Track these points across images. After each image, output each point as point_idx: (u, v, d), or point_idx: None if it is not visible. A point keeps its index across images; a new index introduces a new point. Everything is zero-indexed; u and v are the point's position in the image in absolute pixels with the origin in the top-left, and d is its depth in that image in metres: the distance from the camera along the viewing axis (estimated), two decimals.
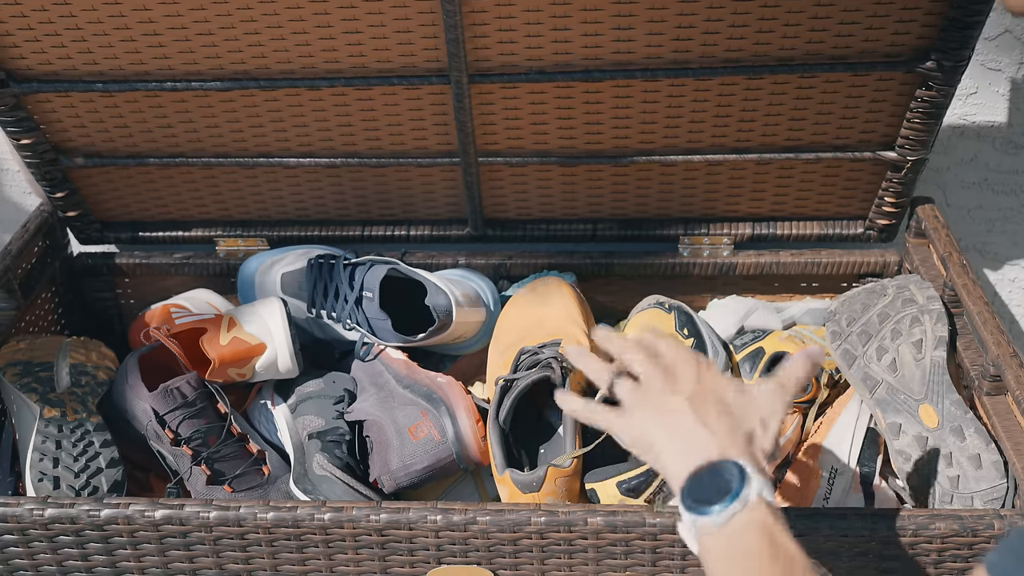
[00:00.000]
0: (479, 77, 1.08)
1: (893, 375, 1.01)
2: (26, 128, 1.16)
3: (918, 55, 1.04)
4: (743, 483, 0.67)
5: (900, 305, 1.06)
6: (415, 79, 1.08)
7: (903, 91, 1.08)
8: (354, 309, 1.14)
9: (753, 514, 0.67)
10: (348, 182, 1.23)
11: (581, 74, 1.07)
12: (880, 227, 1.23)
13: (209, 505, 0.89)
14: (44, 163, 1.20)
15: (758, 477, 0.68)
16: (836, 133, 1.13)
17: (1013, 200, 1.32)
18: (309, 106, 1.13)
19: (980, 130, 1.26)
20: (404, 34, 1.04)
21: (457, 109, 1.10)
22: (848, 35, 1.02)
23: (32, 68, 1.10)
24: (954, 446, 0.94)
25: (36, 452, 1.01)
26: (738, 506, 0.67)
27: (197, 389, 1.06)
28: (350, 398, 1.11)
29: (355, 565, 0.91)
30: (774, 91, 1.08)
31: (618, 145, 1.16)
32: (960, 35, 0.99)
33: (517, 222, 1.27)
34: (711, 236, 1.24)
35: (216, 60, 1.08)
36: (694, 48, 1.04)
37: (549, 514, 0.87)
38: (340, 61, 1.07)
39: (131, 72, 1.10)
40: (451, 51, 1.04)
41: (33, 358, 1.10)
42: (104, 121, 1.17)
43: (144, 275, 1.31)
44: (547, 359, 1.00)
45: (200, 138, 1.18)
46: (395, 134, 1.16)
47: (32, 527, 0.90)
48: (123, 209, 1.29)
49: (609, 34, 1.03)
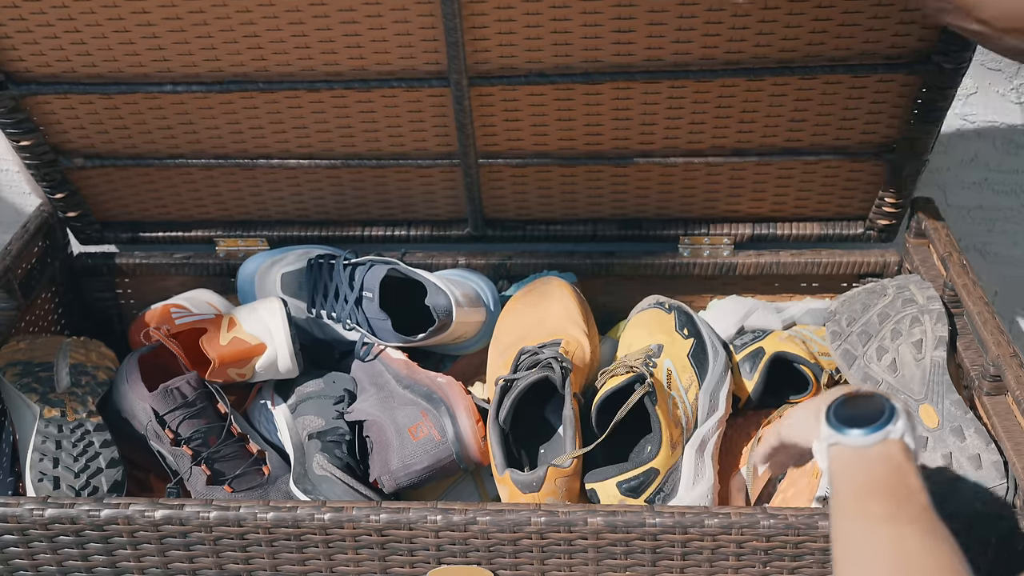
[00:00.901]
0: (479, 79, 1.08)
1: (893, 375, 1.01)
2: (25, 130, 1.16)
3: (919, 57, 1.04)
4: (891, 419, 0.69)
5: (900, 305, 1.06)
6: (415, 81, 1.08)
7: (903, 93, 1.08)
8: (354, 309, 1.14)
9: (890, 448, 0.68)
10: (348, 183, 1.23)
11: (581, 76, 1.07)
12: (880, 227, 1.23)
13: (209, 505, 0.89)
14: (43, 164, 1.20)
15: (906, 421, 0.69)
16: (836, 135, 1.13)
17: (1013, 200, 1.32)
18: (308, 108, 1.13)
19: (980, 130, 1.26)
20: (404, 36, 1.04)
21: (457, 111, 1.10)
22: (849, 36, 1.02)
23: (31, 70, 1.10)
24: (954, 446, 0.94)
25: (36, 452, 1.01)
26: (879, 437, 0.68)
27: (197, 389, 1.06)
28: (350, 398, 1.11)
29: (355, 565, 0.91)
30: (774, 92, 1.08)
31: (618, 147, 1.16)
32: (961, 37, 0.99)
33: (517, 222, 1.27)
34: (711, 236, 1.24)
35: (215, 63, 1.08)
36: (694, 50, 1.04)
37: (549, 514, 0.87)
38: (340, 64, 1.07)
39: (130, 74, 1.10)
40: (451, 54, 1.03)
41: (33, 358, 1.10)
42: (104, 123, 1.17)
43: (144, 275, 1.31)
44: (547, 359, 1.00)
45: (200, 139, 1.18)
46: (395, 136, 1.16)
47: (32, 527, 0.90)
48: (123, 209, 1.29)
49: (609, 36, 1.03)
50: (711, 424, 1.03)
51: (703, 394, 1.05)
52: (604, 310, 1.27)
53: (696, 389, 1.05)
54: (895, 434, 0.68)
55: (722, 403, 1.06)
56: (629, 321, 1.18)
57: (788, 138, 1.14)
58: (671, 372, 1.05)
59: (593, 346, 1.10)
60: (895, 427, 0.68)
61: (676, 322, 1.12)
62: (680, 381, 1.04)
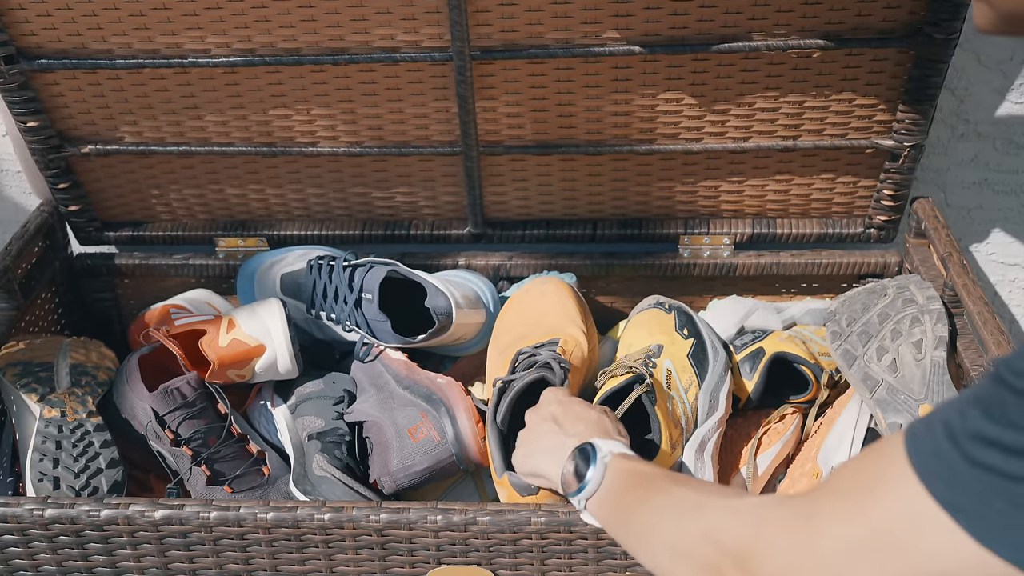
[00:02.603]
0: (481, 53, 1.09)
1: (893, 375, 1.01)
2: (33, 110, 1.17)
3: (910, 31, 1.05)
4: (595, 452, 0.81)
5: (900, 305, 1.06)
6: (418, 55, 1.09)
7: (897, 73, 1.09)
8: (353, 311, 1.14)
9: (613, 464, 0.79)
10: (349, 176, 1.23)
11: (581, 51, 1.08)
12: (880, 224, 1.23)
13: (209, 505, 0.89)
14: (48, 150, 1.20)
15: (606, 443, 0.82)
16: (834, 119, 1.13)
17: (1013, 200, 1.32)
18: (312, 90, 1.14)
19: (980, 130, 1.26)
20: (408, 8, 1.06)
21: (459, 83, 1.10)
22: (841, 9, 1.04)
23: (42, 46, 1.11)
24: None
25: (36, 452, 1.01)
26: (599, 471, 0.80)
27: (197, 389, 1.06)
28: (350, 399, 1.11)
29: (355, 565, 0.91)
30: (770, 73, 1.09)
31: (617, 135, 1.16)
32: (950, 6, 1.01)
33: (517, 222, 1.27)
34: (711, 236, 1.24)
35: (223, 38, 1.09)
36: (690, 24, 1.06)
37: (549, 514, 0.87)
38: (344, 39, 1.09)
39: (139, 50, 1.11)
40: (454, 28, 1.05)
41: (33, 358, 1.10)
42: (110, 107, 1.17)
43: (144, 275, 1.31)
44: (544, 360, 1.00)
45: (204, 125, 1.18)
46: (397, 122, 1.17)
47: (32, 527, 0.90)
48: (124, 208, 1.30)
49: (608, 8, 1.04)
50: (711, 424, 1.03)
51: (703, 394, 1.05)
52: (604, 310, 1.27)
53: (696, 389, 1.05)
54: (605, 456, 0.80)
55: (722, 403, 1.06)
56: (629, 321, 1.18)
57: (786, 124, 1.14)
58: (671, 372, 1.05)
59: (592, 345, 1.10)
60: (601, 452, 0.81)
61: (676, 322, 1.12)
62: (680, 381, 1.04)
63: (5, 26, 1.09)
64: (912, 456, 0.50)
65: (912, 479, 0.49)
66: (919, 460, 0.49)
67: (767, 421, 1.08)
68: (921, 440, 0.50)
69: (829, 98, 1.12)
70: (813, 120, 1.14)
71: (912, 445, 0.50)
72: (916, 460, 0.50)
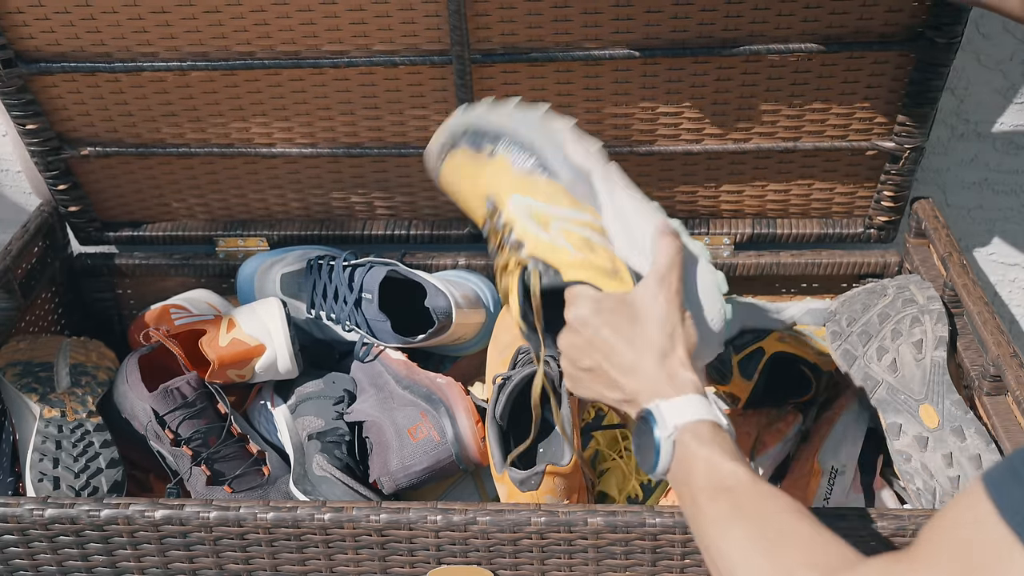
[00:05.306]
0: (480, 57, 1.08)
1: (893, 375, 1.01)
2: (31, 113, 1.16)
3: (911, 34, 1.05)
4: (656, 426, 0.69)
5: (900, 305, 1.06)
6: (417, 59, 1.09)
7: (898, 75, 1.09)
8: (353, 311, 1.14)
9: (679, 452, 0.68)
10: (349, 177, 1.23)
11: (582, 54, 1.08)
12: (880, 224, 1.23)
13: (209, 505, 0.89)
14: (48, 152, 1.20)
15: (669, 405, 0.69)
16: (834, 121, 1.13)
17: (1013, 200, 1.32)
18: (312, 92, 1.14)
19: (980, 130, 1.26)
20: (407, 12, 1.06)
21: (459, 86, 1.10)
22: (843, 13, 1.03)
23: (41, 49, 1.11)
24: (954, 446, 0.94)
25: (36, 452, 1.01)
26: (665, 457, 0.68)
27: (197, 389, 1.06)
28: (350, 399, 1.11)
29: (355, 565, 0.91)
30: (771, 76, 1.09)
31: (617, 136, 1.16)
32: (952, 11, 1.01)
33: None
34: (711, 236, 1.24)
35: (222, 40, 1.09)
36: (691, 27, 1.06)
37: (549, 514, 0.87)
38: (344, 42, 1.09)
39: (138, 53, 1.11)
40: (454, 31, 1.05)
41: (33, 358, 1.10)
42: (109, 109, 1.17)
43: (144, 275, 1.31)
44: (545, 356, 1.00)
45: (203, 127, 1.18)
46: (397, 124, 1.16)
47: (32, 527, 0.90)
48: (124, 208, 1.30)
49: (608, 12, 1.04)
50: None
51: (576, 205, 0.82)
52: None
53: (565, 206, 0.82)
54: (667, 432, 0.68)
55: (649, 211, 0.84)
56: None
57: (787, 126, 1.14)
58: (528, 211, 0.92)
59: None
60: (664, 429, 0.69)
61: (469, 146, 0.88)
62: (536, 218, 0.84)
63: (4, 30, 1.09)
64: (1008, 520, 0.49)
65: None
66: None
67: (767, 421, 1.08)
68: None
69: (829, 101, 1.12)
70: (813, 122, 1.14)
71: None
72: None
